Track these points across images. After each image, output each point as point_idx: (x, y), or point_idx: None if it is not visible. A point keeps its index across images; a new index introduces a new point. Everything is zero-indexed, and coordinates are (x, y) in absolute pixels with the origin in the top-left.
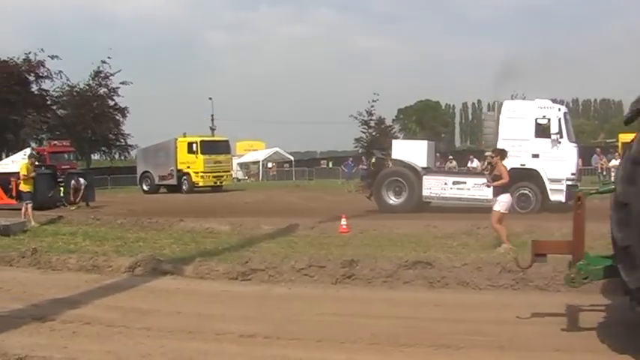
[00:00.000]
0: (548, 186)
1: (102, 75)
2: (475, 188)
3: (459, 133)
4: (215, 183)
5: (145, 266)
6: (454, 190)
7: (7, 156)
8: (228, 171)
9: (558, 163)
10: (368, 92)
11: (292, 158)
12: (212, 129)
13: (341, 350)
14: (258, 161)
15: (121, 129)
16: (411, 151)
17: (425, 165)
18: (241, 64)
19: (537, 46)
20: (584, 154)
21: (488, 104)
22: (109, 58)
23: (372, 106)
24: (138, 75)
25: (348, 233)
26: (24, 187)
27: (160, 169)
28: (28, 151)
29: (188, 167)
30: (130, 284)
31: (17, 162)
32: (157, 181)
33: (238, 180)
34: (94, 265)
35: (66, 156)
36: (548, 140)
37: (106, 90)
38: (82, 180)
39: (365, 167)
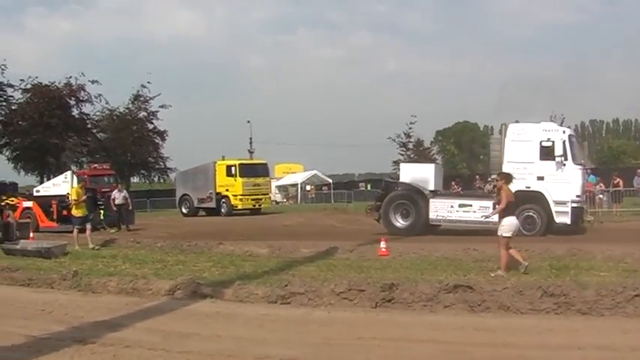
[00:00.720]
0: (554, 208)
1: (141, 99)
2: (481, 211)
3: None
4: (254, 206)
5: (184, 289)
6: (460, 212)
7: (48, 179)
8: (267, 194)
9: (563, 186)
10: (406, 114)
11: (330, 181)
12: (250, 152)
13: None
14: (297, 184)
15: (160, 152)
16: (419, 174)
17: (432, 188)
18: (279, 87)
19: (575, 65)
20: (626, 175)
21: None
22: (148, 82)
23: (410, 128)
24: (177, 98)
25: (388, 256)
26: (76, 212)
27: (198, 192)
28: (68, 174)
29: (227, 190)
30: (169, 307)
31: (58, 185)
32: (195, 204)
33: (277, 203)
34: (134, 287)
35: (106, 179)
36: (553, 163)
37: (145, 113)
38: (125, 192)
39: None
